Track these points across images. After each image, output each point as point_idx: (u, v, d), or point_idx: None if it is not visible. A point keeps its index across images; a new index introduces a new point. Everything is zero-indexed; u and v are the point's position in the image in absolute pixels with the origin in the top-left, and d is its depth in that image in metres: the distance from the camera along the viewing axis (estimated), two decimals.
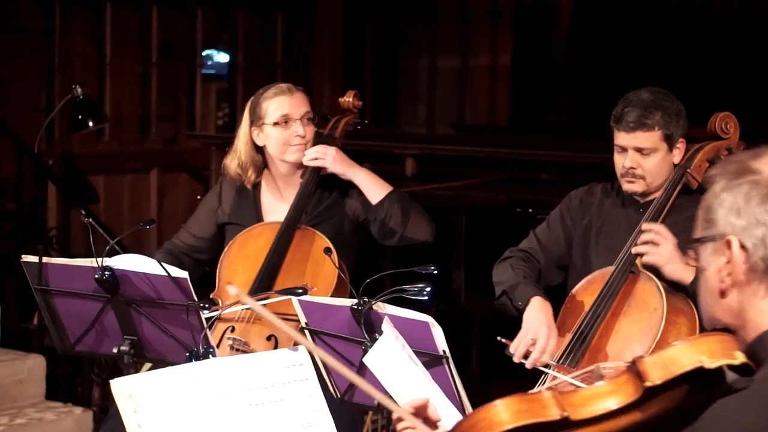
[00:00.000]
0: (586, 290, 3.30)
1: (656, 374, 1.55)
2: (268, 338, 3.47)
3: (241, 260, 3.63)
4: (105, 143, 6.86)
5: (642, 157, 3.31)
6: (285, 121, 3.64)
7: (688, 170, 3.31)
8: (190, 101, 7.31)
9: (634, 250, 3.22)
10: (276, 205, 3.74)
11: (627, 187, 3.34)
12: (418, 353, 2.63)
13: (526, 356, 3.22)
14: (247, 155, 3.72)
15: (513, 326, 3.36)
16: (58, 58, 6.58)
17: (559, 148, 6.43)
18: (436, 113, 8.58)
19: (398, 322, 2.70)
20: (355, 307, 2.86)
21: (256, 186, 3.78)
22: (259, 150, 3.72)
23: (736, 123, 3.37)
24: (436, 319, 2.79)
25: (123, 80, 6.91)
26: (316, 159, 3.64)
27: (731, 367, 1.58)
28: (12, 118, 5.92)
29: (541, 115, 8.46)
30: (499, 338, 3.28)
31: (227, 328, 3.51)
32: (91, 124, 5.58)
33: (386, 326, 2.60)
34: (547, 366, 3.18)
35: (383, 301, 2.87)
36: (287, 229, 3.61)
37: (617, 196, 3.46)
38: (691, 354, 1.56)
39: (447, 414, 2.39)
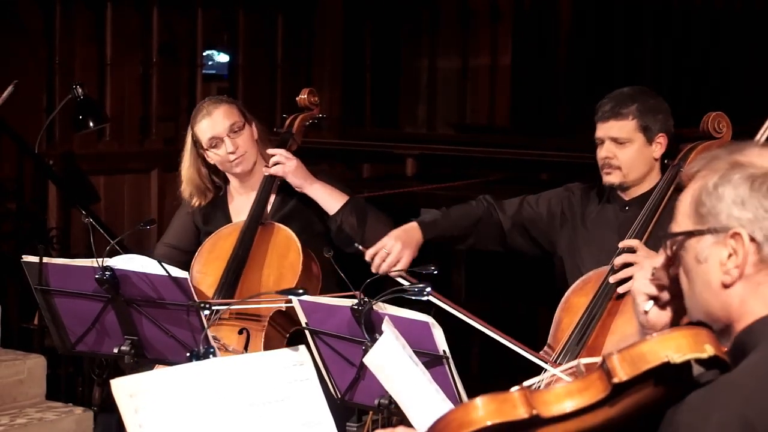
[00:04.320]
0: (581, 290, 3.32)
1: (623, 371, 1.58)
2: (240, 332, 3.52)
3: (211, 262, 3.70)
4: (105, 143, 6.85)
5: (617, 147, 3.36)
6: (214, 144, 3.71)
7: (682, 170, 3.34)
8: (191, 101, 7.29)
9: (612, 279, 3.23)
10: (243, 205, 3.80)
11: (605, 179, 3.39)
12: (418, 353, 2.64)
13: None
14: (189, 182, 3.83)
15: (516, 326, 3.36)
16: (58, 58, 6.57)
17: (559, 149, 6.43)
18: (436, 113, 8.57)
19: (398, 322, 2.70)
20: (356, 307, 2.86)
21: (223, 193, 3.86)
22: (213, 166, 3.79)
23: (728, 122, 3.42)
24: (436, 319, 2.80)
25: (123, 80, 6.89)
26: (277, 164, 3.70)
27: (700, 361, 1.61)
28: (12, 118, 5.90)
29: (541, 115, 8.45)
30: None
31: None
32: (91, 124, 5.59)
33: (387, 326, 2.60)
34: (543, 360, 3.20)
35: (383, 301, 2.87)
36: (250, 225, 3.69)
37: (604, 194, 3.49)
38: (658, 350, 1.59)
39: None
